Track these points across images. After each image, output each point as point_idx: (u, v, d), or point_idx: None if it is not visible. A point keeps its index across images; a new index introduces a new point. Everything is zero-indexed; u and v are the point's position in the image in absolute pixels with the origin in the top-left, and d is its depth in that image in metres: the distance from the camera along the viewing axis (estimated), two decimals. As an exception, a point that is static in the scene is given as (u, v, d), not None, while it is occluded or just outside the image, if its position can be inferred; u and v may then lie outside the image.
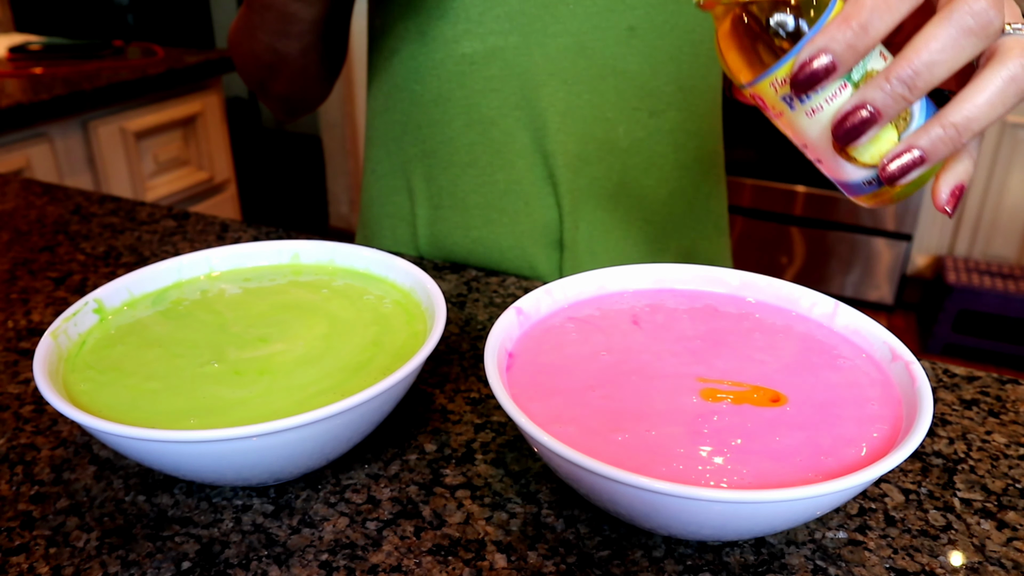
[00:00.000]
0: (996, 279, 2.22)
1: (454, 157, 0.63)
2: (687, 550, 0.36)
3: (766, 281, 0.46)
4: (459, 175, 0.63)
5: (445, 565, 0.35)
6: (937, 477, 0.41)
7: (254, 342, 0.43)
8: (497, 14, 0.58)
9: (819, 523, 0.38)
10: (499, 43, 0.59)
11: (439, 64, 0.61)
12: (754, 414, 0.36)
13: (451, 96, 0.61)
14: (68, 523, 0.38)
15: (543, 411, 0.36)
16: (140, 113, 1.53)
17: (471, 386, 0.48)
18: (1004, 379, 0.50)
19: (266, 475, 0.37)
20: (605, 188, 0.62)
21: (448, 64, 0.60)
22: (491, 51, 0.59)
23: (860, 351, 0.41)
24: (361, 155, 3.08)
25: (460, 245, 0.65)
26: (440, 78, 0.61)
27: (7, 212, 0.76)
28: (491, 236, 0.63)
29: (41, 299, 0.59)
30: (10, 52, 1.56)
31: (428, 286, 0.45)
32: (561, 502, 0.39)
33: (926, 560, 0.36)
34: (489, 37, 0.59)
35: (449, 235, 0.65)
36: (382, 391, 0.36)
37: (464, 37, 0.59)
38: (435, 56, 0.61)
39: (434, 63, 0.61)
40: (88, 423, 0.34)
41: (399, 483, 0.40)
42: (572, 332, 0.43)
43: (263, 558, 0.36)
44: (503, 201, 0.62)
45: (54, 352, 0.40)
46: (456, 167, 0.63)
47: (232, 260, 0.51)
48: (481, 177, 0.62)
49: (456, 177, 0.63)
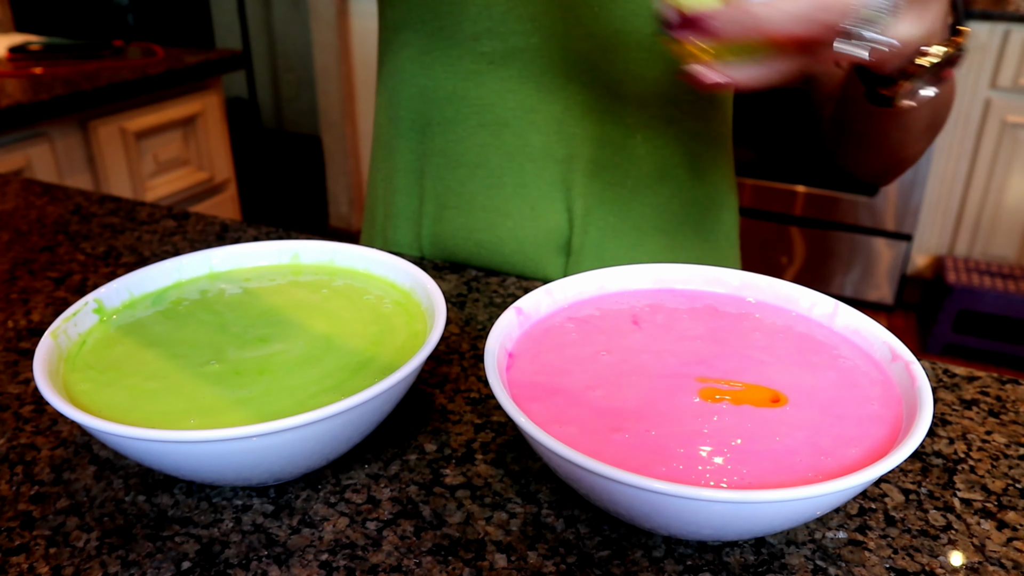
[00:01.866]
0: (996, 279, 2.22)
1: (464, 157, 0.62)
2: (687, 550, 0.36)
3: (766, 281, 0.46)
4: (468, 176, 0.62)
5: (445, 565, 0.35)
6: (937, 477, 0.41)
7: (254, 342, 0.43)
8: (520, 14, 0.57)
9: (819, 523, 0.38)
10: (520, 44, 0.58)
11: (455, 61, 0.60)
12: (754, 414, 0.36)
13: (466, 95, 0.60)
14: (68, 523, 0.38)
15: (543, 411, 0.36)
16: (140, 113, 1.53)
17: (471, 386, 0.48)
18: (1004, 379, 0.50)
19: (266, 475, 0.37)
20: (619, 195, 0.61)
21: (465, 62, 0.59)
22: (511, 51, 0.58)
23: (860, 351, 0.41)
24: (361, 155, 3.08)
25: (462, 247, 0.64)
26: (455, 76, 0.60)
27: (7, 212, 0.76)
28: (494, 239, 0.63)
29: (41, 299, 0.59)
30: (10, 52, 1.56)
31: (428, 286, 0.45)
32: (561, 502, 0.39)
33: (926, 560, 0.36)
34: (511, 37, 0.58)
35: (452, 235, 0.65)
36: (382, 391, 0.36)
37: (485, 35, 0.58)
38: (451, 53, 0.60)
39: (450, 60, 0.60)
40: (88, 423, 0.34)
41: (399, 483, 0.40)
42: (572, 332, 0.43)
43: (263, 558, 0.36)
44: (509, 204, 0.62)
45: (54, 352, 0.40)
46: (465, 168, 0.62)
47: (232, 260, 0.51)
48: (489, 179, 0.62)
49: (464, 178, 0.63)
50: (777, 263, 2.53)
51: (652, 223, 0.63)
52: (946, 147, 2.26)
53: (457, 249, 0.65)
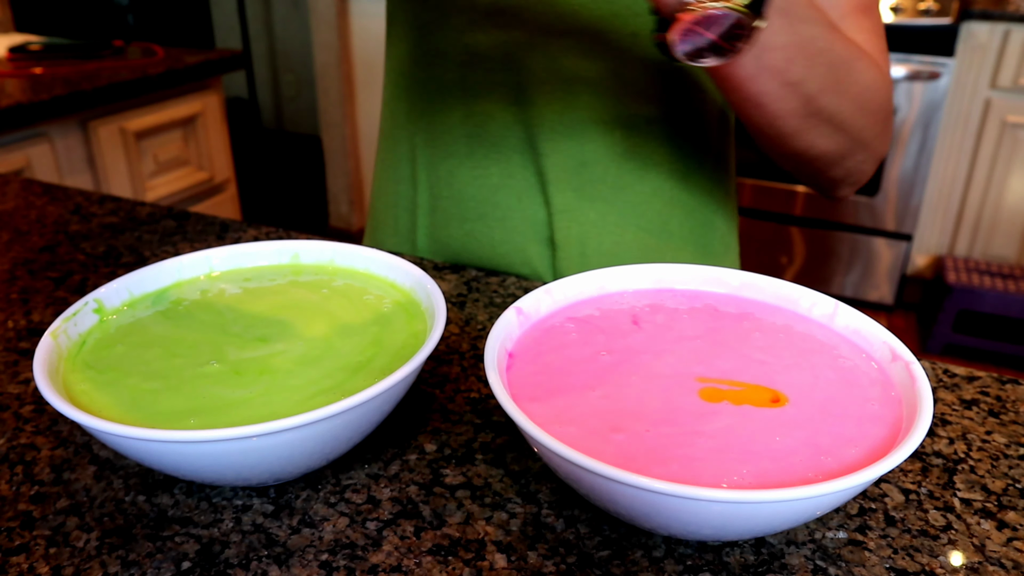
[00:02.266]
0: (996, 279, 2.22)
1: (452, 147, 0.63)
2: (687, 550, 0.36)
3: (766, 281, 0.46)
4: (456, 166, 0.64)
5: (445, 565, 0.35)
6: (937, 477, 0.41)
7: (254, 342, 0.43)
8: (504, 7, 0.58)
9: (819, 523, 0.38)
10: (504, 37, 0.59)
11: (444, 53, 0.61)
12: (754, 414, 0.36)
13: (452, 86, 0.62)
14: (68, 523, 0.38)
15: (543, 411, 0.36)
16: (140, 113, 1.53)
17: (471, 386, 0.48)
18: (1004, 379, 0.50)
19: (266, 475, 0.37)
20: (599, 191, 0.62)
21: (452, 54, 0.61)
22: (495, 45, 0.59)
23: (860, 351, 0.41)
24: (361, 155, 3.08)
25: (455, 237, 0.65)
26: (444, 67, 0.62)
27: (7, 212, 0.76)
28: (484, 229, 0.64)
29: (41, 299, 0.59)
30: (10, 52, 1.56)
31: (428, 286, 0.45)
32: (561, 502, 0.39)
33: (926, 560, 0.36)
34: (495, 31, 0.59)
35: (445, 226, 0.66)
36: (382, 391, 0.36)
37: (471, 28, 0.60)
38: (441, 45, 0.61)
39: (439, 52, 0.62)
40: (88, 423, 0.34)
41: (399, 483, 0.40)
42: (572, 332, 0.43)
43: (263, 558, 0.36)
44: (497, 195, 0.63)
45: (54, 352, 0.40)
46: (454, 157, 0.64)
47: (232, 260, 0.51)
48: (476, 169, 0.63)
49: (454, 168, 0.64)
50: (777, 263, 2.53)
51: (635, 221, 0.63)
52: (946, 147, 2.26)
53: (451, 240, 0.66)
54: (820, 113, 0.50)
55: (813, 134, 0.52)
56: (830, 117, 0.51)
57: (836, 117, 0.51)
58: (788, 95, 0.48)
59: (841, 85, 0.50)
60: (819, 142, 0.53)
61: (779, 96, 0.48)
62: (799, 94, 0.48)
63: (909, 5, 2.16)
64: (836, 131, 0.52)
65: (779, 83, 0.47)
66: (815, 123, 0.51)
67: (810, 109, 0.50)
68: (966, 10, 2.11)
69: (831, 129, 0.52)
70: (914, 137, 2.22)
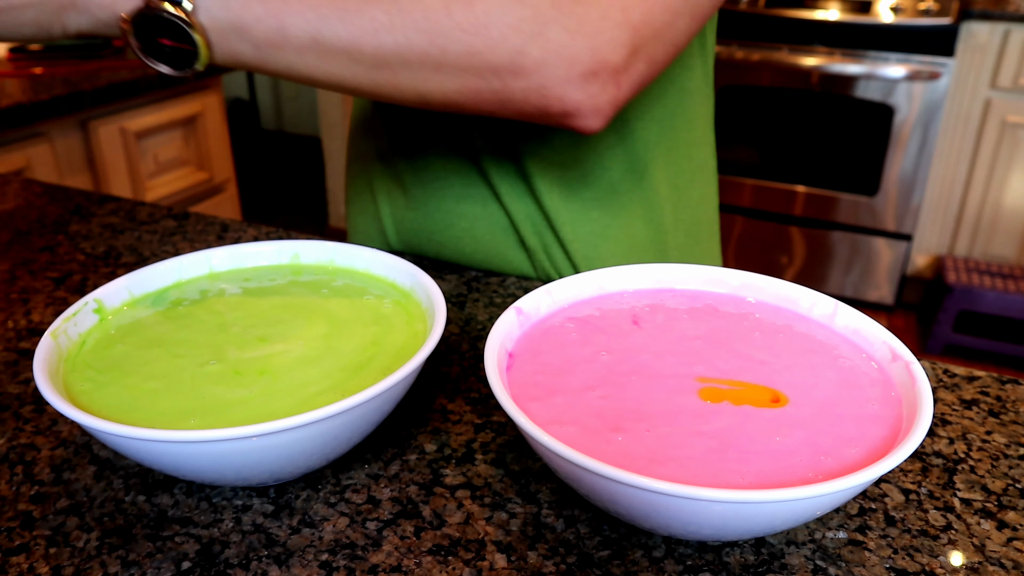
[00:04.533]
0: (996, 279, 2.22)
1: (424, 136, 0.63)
2: (687, 550, 0.36)
3: (766, 281, 0.46)
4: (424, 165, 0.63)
5: (445, 565, 0.35)
6: (937, 477, 0.41)
7: (254, 342, 0.43)
8: None
9: (819, 523, 0.38)
10: None
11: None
12: (754, 414, 0.36)
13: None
14: (68, 523, 0.38)
15: (543, 411, 0.36)
16: (140, 113, 1.53)
17: (471, 386, 0.48)
18: (1004, 379, 0.50)
19: (266, 475, 0.37)
20: (577, 190, 0.62)
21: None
22: None
23: (860, 351, 0.41)
24: (361, 155, 3.07)
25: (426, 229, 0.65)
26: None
27: (7, 212, 0.76)
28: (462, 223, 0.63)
29: (41, 299, 0.59)
30: (10, 52, 1.56)
31: (428, 286, 0.45)
32: (561, 502, 0.39)
33: (926, 560, 0.36)
34: None
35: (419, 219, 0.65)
36: (382, 391, 0.36)
37: None
38: None
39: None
40: (88, 423, 0.34)
41: (399, 483, 0.40)
42: (572, 332, 0.43)
43: (263, 558, 0.36)
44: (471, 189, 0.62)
45: (54, 352, 0.40)
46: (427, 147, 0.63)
47: (232, 260, 0.51)
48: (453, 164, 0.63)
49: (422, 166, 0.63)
50: (777, 263, 2.53)
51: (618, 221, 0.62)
52: (946, 147, 2.26)
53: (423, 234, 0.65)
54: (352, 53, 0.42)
55: (390, 84, 0.44)
56: (385, 54, 0.42)
57: (389, 48, 0.42)
58: (274, 53, 0.43)
59: (350, 11, 0.42)
60: (417, 88, 0.44)
61: (262, 59, 0.43)
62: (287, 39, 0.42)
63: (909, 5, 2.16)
64: (408, 66, 0.43)
65: (250, 45, 0.42)
66: (372, 69, 0.43)
67: (323, 49, 0.42)
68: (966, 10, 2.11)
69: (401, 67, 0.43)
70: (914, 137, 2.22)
